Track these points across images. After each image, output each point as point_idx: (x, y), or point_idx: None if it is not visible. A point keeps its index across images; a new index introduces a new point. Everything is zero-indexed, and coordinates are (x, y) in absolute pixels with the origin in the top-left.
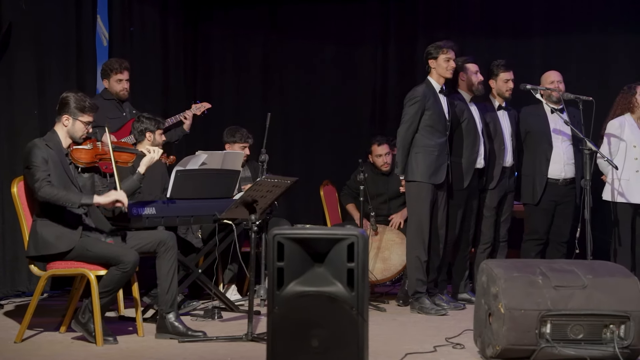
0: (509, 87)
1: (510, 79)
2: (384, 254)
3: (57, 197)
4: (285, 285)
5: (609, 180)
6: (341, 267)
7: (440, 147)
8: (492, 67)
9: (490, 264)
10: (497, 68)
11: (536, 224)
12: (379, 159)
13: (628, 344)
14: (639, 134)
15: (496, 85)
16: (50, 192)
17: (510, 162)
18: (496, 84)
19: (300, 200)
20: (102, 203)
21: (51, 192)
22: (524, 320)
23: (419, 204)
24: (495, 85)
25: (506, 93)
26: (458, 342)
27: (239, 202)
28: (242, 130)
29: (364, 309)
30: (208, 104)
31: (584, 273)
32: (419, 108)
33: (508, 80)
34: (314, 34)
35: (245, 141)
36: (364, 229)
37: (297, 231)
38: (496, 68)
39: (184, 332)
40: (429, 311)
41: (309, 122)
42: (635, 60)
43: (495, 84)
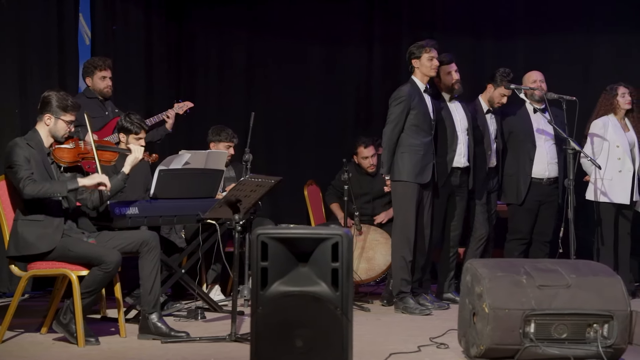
0: (502, 101)
1: (507, 96)
2: (368, 254)
3: (43, 191)
4: (269, 285)
5: (592, 179)
6: (325, 266)
7: (425, 147)
8: (497, 75)
9: (474, 264)
10: (501, 79)
11: (520, 223)
12: (365, 161)
13: (611, 343)
14: (622, 133)
15: (492, 94)
16: (35, 187)
17: (494, 163)
18: (492, 93)
19: (284, 200)
20: (87, 185)
21: (35, 187)
22: (508, 320)
23: (405, 203)
24: (491, 91)
25: (496, 105)
26: (442, 342)
27: (223, 201)
28: (227, 130)
29: (348, 308)
30: (190, 103)
31: (568, 272)
32: (405, 108)
33: (504, 96)
34: (299, 33)
35: (231, 140)
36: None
37: (281, 231)
38: (500, 79)
39: (167, 332)
40: (413, 311)
41: (293, 122)
42: (617, 60)
43: (492, 91)
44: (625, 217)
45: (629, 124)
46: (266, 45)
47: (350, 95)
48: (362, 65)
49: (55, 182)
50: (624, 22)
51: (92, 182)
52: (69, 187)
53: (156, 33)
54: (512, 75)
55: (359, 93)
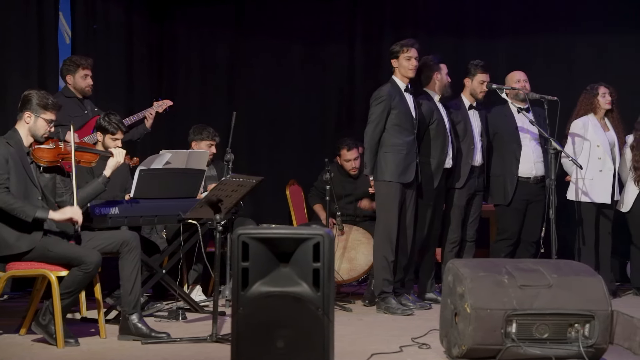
0: (483, 89)
1: (487, 81)
2: (350, 254)
3: (12, 207)
4: (250, 286)
5: (573, 179)
6: (307, 267)
7: (408, 146)
8: (470, 67)
9: (456, 264)
10: (475, 68)
11: (508, 224)
12: (348, 163)
13: (593, 343)
14: (602, 133)
15: (471, 85)
16: (7, 200)
17: (479, 162)
18: (471, 84)
19: (266, 200)
20: (56, 219)
21: (7, 200)
22: (489, 320)
23: (388, 203)
24: (470, 84)
25: (480, 95)
26: (424, 342)
27: (204, 201)
28: (208, 128)
29: (329, 309)
30: (169, 102)
31: (550, 272)
32: (385, 107)
33: (484, 82)
34: (281, 32)
35: (212, 139)
36: (330, 228)
37: (262, 231)
38: (474, 68)
39: (147, 333)
40: (395, 311)
41: (275, 121)
42: (598, 61)
43: (470, 83)
44: (606, 216)
45: (608, 124)
46: (248, 44)
47: (333, 94)
48: (345, 65)
49: (27, 205)
50: (605, 23)
51: (62, 217)
52: (37, 215)
53: (137, 32)
54: (484, 63)
55: (342, 92)
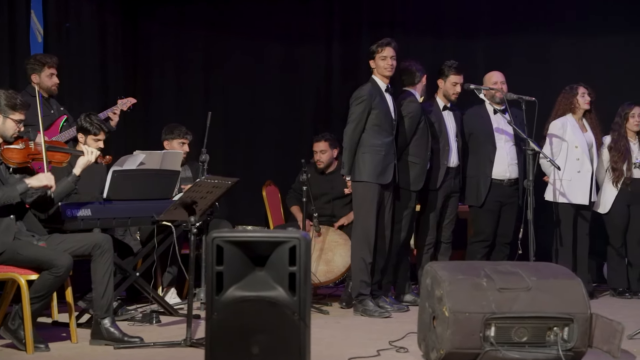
0: (456, 90)
1: (459, 83)
2: (327, 256)
3: None
4: (225, 290)
5: (551, 180)
6: (282, 271)
7: (387, 147)
8: (444, 67)
9: (434, 267)
10: (448, 69)
11: (482, 225)
12: (315, 155)
13: (571, 347)
14: (581, 134)
15: (444, 86)
16: None
17: (455, 163)
18: (444, 85)
19: (242, 201)
20: (34, 185)
21: None
22: (468, 324)
23: (366, 204)
24: (443, 86)
25: (452, 96)
26: (402, 346)
27: (178, 203)
28: (180, 127)
29: (306, 313)
30: (133, 99)
31: (529, 275)
32: (366, 107)
33: (457, 84)
34: (257, 31)
35: (184, 137)
36: (307, 230)
37: (237, 234)
38: (447, 69)
39: (120, 338)
40: (373, 313)
41: (252, 122)
42: (576, 61)
43: (443, 84)
44: (583, 217)
45: (586, 125)
46: (224, 44)
47: (310, 94)
48: (322, 65)
49: (5, 190)
50: (583, 23)
51: (39, 183)
52: (20, 190)
53: (111, 31)
54: (458, 64)
55: (319, 92)
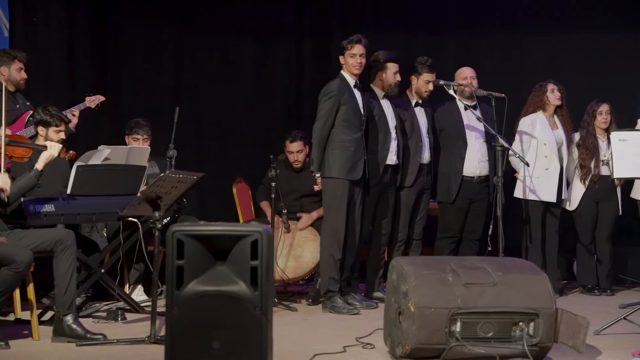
0: (428, 88)
1: (431, 82)
2: (296, 252)
3: None
4: (185, 285)
5: (521, 177)
6: (244, 265)
7: (356, 143)
8: (417, 65)
9: (400, 262)
10: (421, 67)
11: (450, 222)
12: (291, 155)
13: (537, 342)
14: (550, 131)
15: (416, 84)
16: None
17: (427, 159)
18: (417, 82)
19: (212, 198)
20: None
21: None
22: (433, 319)
23: (336, 201)
24: (415, 82)
25: (424, 94)
26: (368, 342)
27: (142, 198)
28: (142, 122)
29: (268, 308)
30: (102, 97)
31: (495, 270)
32: (335, 103)
33: (429, 82)
34: (228, 27)
35: (145, 132)
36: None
37: (198, 228)
38: (421, 67)
39: (83, 335)
40: (341, 310)
41: (223, 118)
42: (547, 59)
43: (416, 81)
44: (553, 214)
45: (557, 122)
46: (194, 40)
47: (281, 91)
48: (293, 61)
49: None
50: (553, 21)
51: None
52: None
53: (80, 27)
54: (431, 62)
55: (290, 89)
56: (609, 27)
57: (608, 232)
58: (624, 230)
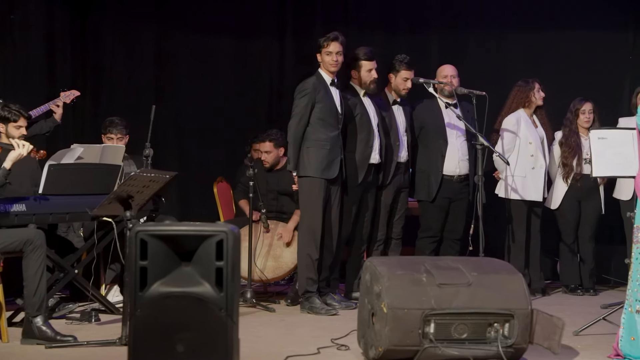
0: (407, 86)
1: (409, 78)
2: (275, 252)
3: None
4: (149, 286)
5: (503, 176)
6: (209, 266)
7: (332, 141)
8: (395, 62)
9: (374, 262)
10: (399, 64)
11: (431, 221)
12: (259, 154)
13: (512, 343)
14: (534, 130)
15: (394, 81)
16: None
17: (404, 158)
18: (395, 80)
19: (194, 198)
20: None
21: None
22: (407, 320)
23: (312, 200)
24: (393, 80)
25: (402, 91)
26: (343, 344)
27: (112, 197)
28: (117, 122)
29: (233, 310)
30: (77, 92)
31: (469, 270)
32: (309, 100)
33: (407, 80)
34: (209, 25)
35: (119, 131)
36: (235, 226)
37: (162, 228)
38: (398, 64)
39: (52, 337)
40: (319, 311)
41: (204, 117)
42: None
43: (394, 79)
44: (535, 214)
45: (537, 120)
46: (175, 38)
47: (262, 89)
48: (274, 59)
49: None
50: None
51: None
52: None
53: (59, 24)
54: (409, 59)
55: (271, 88)
56: (592, 24)
57: (591, 231)
58: (607, 229)
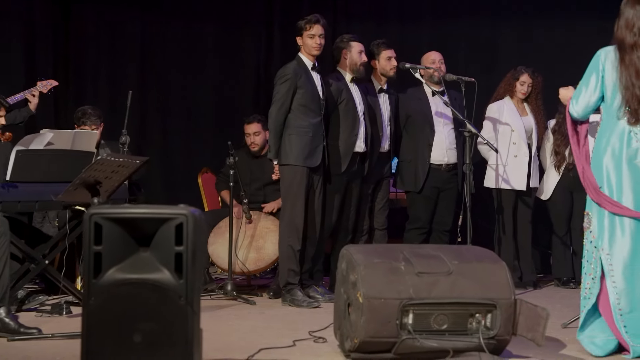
0: (392, 64)
1: (393, 57)
2: (258, 243)
3: None
4: (104, 273)
5: (492, 165)
6: (168, 251)
7: (314, 128)
8: (372, 48)
9: (350, 250)
10: (377, 47)
11: (419, 212)
12: (248, 138)
13: (494, 334)
14: (518, 117)
15: (379, 65)
16: None
17: (386, 148)
18: (379, 64)
19: (179, 188)
20: None
21: None
22: (383, 310)
23: (293, 188)
24: (378, 65)
25: (390, 72)
26: (321, 336)
27: (78, 182)
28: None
29: (193, 298)
30: (54, 82)
31: (450, 259)
32: (291, 86)
33: (391, 58)
34: (194, 14)
35: (94, 122)
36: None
37: (118, 210)
38: (376, 47)
39: (16, 329)
40: (301, 304)
41: (190, 107)
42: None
43: (378, 64)
44: (525, 204)
45: (527, 108)
46: (160, 27)
47: (249, 79)
48: (262, 49)
49: None
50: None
51: None
52: None
53: (39, 12)
54: (385, 39)
55: (258, 78)
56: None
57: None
58: None
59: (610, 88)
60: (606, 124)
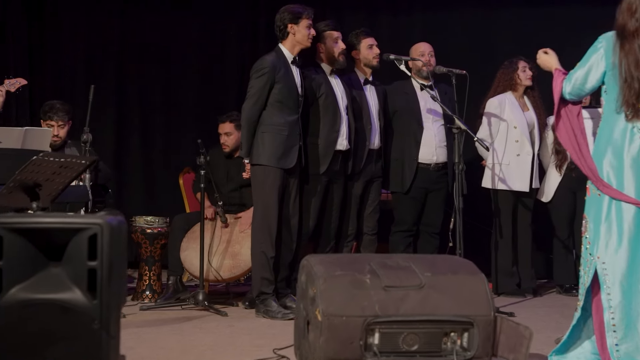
0: (374, 52)
1: (374, 44)
2: (233, 249)
3: None
4: (5, 292)
5: (489, 164)
6: (80, 266)
7: (290, 126)
8: (352, 38)
9: (311, 260)
10: (356, 37)
11: (404, 214)
12: (221, 137)
13: (472, 356)
14: (520, 113)
15: (361, 55)
16: None
17: (377, 145)
18: (360, 54)
19: (161, 189)
20: None
21: None
22: (345, 329)
23: (265, 191)
24: (360, 55)
25: (373, 60)
26: (285, 355)
27: (12, 185)
28: (57, 107)
29: (110, 321)
30: (23, 80)
31: (422, 270)
32: (268, 80)
33: (372, 46)
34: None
35: (61, 117)
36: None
37: (22, 220)
38: (356, 37)
39: None
40: (275, 315)
41: (171, 103)
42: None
43: (359, 54)
44: (525, 206)
45: (528, 103)
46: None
47: (233, 72)
48: (247, 42)
49: None
50: None
51: None
52: None
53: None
54: (364, 29)
55: (243, 71)
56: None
57: None
58: None
59: (610, 76)
60: (607, 116)
